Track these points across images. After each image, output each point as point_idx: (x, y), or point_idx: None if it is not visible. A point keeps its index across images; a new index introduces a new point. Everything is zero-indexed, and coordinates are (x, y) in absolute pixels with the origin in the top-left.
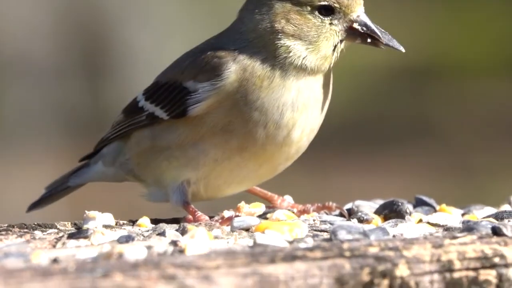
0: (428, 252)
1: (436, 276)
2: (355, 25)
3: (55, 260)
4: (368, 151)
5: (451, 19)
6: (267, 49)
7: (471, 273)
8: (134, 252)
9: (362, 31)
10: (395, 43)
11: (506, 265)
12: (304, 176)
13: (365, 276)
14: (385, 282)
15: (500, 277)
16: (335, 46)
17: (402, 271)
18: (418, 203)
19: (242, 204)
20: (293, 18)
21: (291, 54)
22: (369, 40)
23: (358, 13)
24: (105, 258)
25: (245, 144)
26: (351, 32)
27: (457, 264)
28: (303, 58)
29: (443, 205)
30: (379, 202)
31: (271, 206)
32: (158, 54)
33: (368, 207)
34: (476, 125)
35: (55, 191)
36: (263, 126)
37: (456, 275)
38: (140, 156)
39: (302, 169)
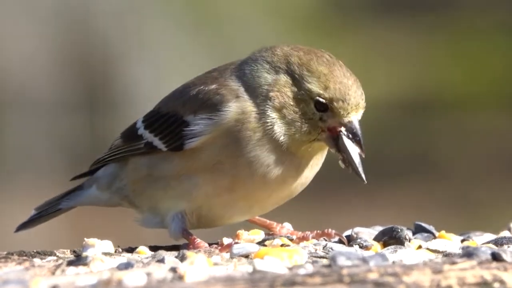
0: (428, 277)
1: None
2: (342, 129)
3: None
4: (368, 182)
5: (451, 52)
6: (260, 108)
7: None
8: (134, 279)
9: (347, 137)
10: (361, 171)
11: None
12: (303, 203)
13: None
14: None
15: None
16: (312, 140)
17: None
18: (418, 230)
19: (241, 231)
20: (287, 95)
21: (273, 128)
22: (341, 158)
23: (351, 118)
24: (104, 285)
25: (234, 186)
26: (331, 137)
27: None
28: (282, 136)
29: (443, 232)
30: (378, 228)
31: (270, 233)
32: (159, 88)
33: (367, 233)
34: (477, 160)
35: (46, 213)
36: (251, 174)
37: None
38: (136, 183)
39: (302, 197)
